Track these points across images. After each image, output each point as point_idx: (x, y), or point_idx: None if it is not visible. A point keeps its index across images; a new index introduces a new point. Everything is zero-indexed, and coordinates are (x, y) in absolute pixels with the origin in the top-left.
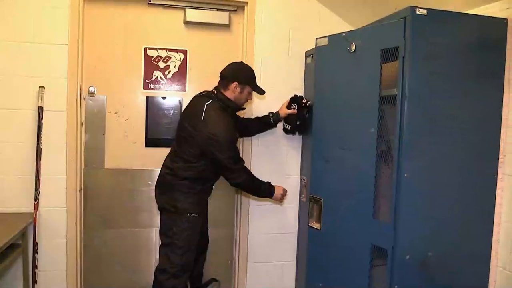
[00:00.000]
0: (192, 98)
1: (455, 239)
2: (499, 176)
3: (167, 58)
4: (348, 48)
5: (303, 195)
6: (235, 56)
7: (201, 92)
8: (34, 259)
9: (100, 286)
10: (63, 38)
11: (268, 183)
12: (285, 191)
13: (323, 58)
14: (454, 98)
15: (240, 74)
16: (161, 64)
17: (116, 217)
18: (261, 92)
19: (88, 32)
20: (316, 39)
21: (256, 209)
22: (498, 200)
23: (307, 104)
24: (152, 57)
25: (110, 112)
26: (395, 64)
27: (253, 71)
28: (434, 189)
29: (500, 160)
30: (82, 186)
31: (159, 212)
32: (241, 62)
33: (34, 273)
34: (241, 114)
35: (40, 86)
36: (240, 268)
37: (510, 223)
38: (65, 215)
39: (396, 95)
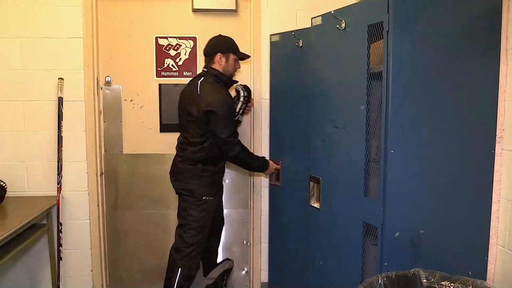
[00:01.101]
0: (188, 83)
1: (450, 217)
2: (497, 151)
3: (178, 46)
4: (338, 26)
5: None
6: (243, 40)
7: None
8: (59, 238)
9: (122, 263)
10: (78, 32)
11: (263, 157)
12: (277, 167)
13: (318, 38)
14: (444, 72)
15: (219, 45)
16: (172, 52)
17: (135, 200)
18: (245, 56)
19: (102, 25)
20: (312, 18)
21: (266, 191)
22: (496, 176)
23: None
24: (163, 45)
25: (126, 100)
26: None
27: (232, 40)
28: (424, 167)
29: (498, 134)
30: (103, 171)
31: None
32: (219, 34)
33: (59, 251)
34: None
35: (59, 78)
36: (254, 248)
37: (510, 200)
38: (87, 198)
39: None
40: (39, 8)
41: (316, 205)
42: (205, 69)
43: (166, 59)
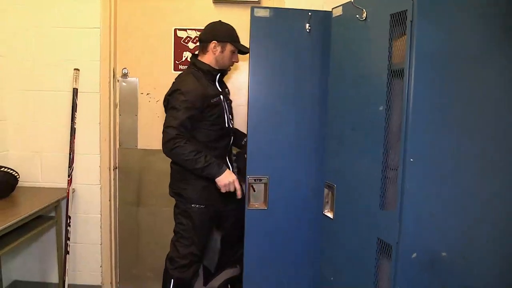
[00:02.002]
0: None
1: (479, 239)
2: None
3: (197, 38)
4: (358, 16)
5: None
6: None
7: None
8: (67, 231)
9: (133, 260)
10: (95, 22)
11: (218, 163)
12: (234, 182)
13: (338, 31)
14: (476, 69)
15: (217, 32)
16: (191, 45)
17: (149, 196)
18: (245, 49)
19: (120, 16)
20: (333, 9)
21: None
22: None
23: None
24: (182, 38)
25: (142, 93)
26: None
27: (233, 29)
28: (448, 178)
29: None
30: (117, 165)
31: None
32: (219, 20)
33: (66, 245)
34: None
35: (75, 69)
36: None
37: None
38: (99, 192)
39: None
40: None
41: (329, 214)
42: (192, 60)
43: (184, 52)
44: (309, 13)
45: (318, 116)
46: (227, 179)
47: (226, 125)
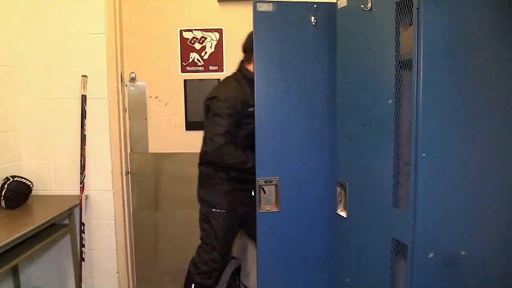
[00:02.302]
0: None
1: (500, 236)
2: None
3: (203, 38)
4: (363, 6)
5: None
6: None
7: None
8: (81, 238)
9: (149, 265)
10: (100, 28)
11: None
12: None
13: (343, 22)
14: (485, 56)
15: None
16: (197, 46)
17: (162, 199)
18: None
19: (125, 19)
20: (337, 0)
21: None
22: None
23: None
24: (188, 39)
25: (150, 97)
26: None
27: None
28: (464, 173)
29: None
30: (129, 170)
31: None
32: None
33: (81, 252)
34: None
35: (82, 76)
36: None
37: None
38: (112, 198)
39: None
40: (62, 4)
41: (342, 213)
42: (239, 67)
43: (191, 53)
44: (315, 5)
45: (328, 112)
46: None
47: None
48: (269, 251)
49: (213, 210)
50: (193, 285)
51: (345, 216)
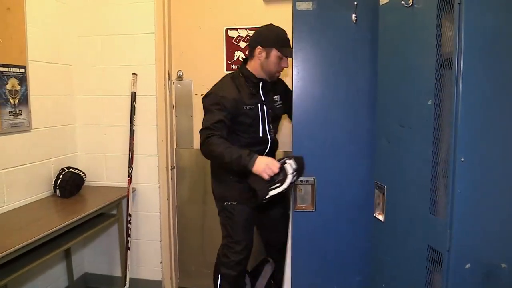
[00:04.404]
0: None
1: None
2: None
3: (248, 37)
4: (403, 2)
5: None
6: None
7: None
8: (127, 228)
9: (192, 257)
10: (150, 28)
11: (248, 152)
12: (272, 162)
13: (385, 19)
14: None
15: (262, 37)
16: (242, 44)
17: (206, 194)
18: (289, 55)
19: (174, 19)
20: None
21: None
22: None
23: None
24: (233, 37)
25: (196, 94)
26: None
27: (280, 32)
28: (506, 179)
29: None
30: (175, 165)
31: None
32: (270, 24)
33: (127, 241)
34: None
35: (132, 73)
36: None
37: None
38: (157, 191)
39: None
40: (115, 6)
41: (380, 217)
42: (239, 66)
43: (235, 52)
44: (355, 3)
45: (368, 113)
46: (262, 164)
47: (261, 135)
48: (303, 249)
49: (225, 203)
50: (219, 275)
51: (383, 220)
